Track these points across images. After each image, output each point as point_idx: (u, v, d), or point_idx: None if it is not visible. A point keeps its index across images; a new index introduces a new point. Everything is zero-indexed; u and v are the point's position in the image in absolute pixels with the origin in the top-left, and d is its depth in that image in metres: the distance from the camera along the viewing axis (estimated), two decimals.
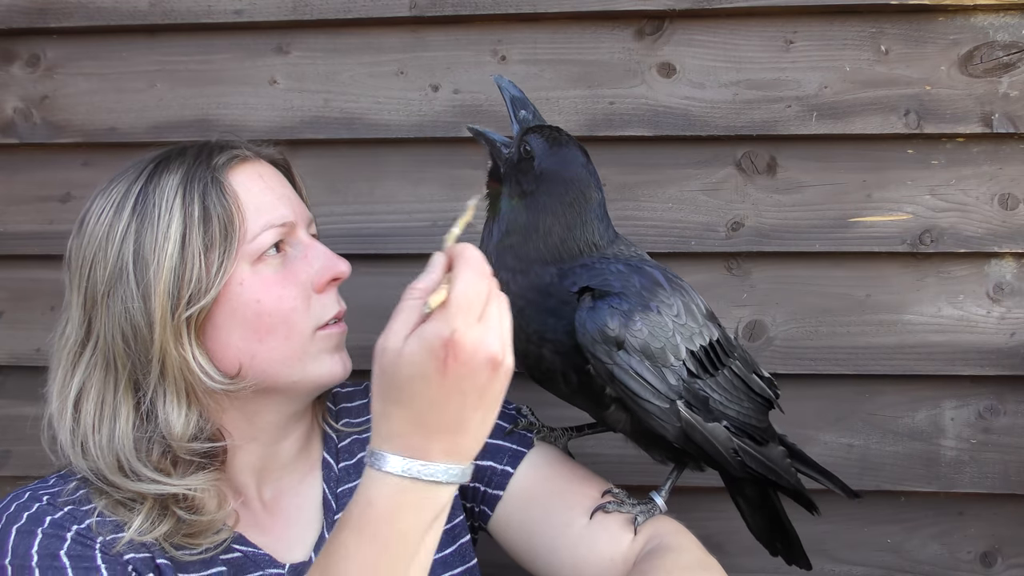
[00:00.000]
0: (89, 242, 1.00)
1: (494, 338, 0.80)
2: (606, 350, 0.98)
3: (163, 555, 0.98)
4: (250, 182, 1.03)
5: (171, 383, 0.98)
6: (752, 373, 1.12)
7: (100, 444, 0.98)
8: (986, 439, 1.42)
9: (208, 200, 0.99)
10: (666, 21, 1.41)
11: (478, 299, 0.79)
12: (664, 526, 1.06)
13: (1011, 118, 1.37)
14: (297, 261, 1.04)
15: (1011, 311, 1.40)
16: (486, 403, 0.81)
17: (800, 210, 1.42)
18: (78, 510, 0.97)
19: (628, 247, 1.09)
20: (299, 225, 1.06)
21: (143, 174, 1.01)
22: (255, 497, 1.07)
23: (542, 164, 1.04)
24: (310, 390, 1.06)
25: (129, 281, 0.97)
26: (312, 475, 1.12)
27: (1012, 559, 1.43)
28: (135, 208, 0.99)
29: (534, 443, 1.16)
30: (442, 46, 1.44)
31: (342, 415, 1.18)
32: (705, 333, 1.04)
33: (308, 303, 1.03)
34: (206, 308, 0.98)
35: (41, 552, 0.92)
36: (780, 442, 1.15)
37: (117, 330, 0.97)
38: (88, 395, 0.99)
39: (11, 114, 1.50)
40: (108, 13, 1.45)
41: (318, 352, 1.04)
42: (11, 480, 1.54)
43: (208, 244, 0.98)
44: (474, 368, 0.78)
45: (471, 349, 0.78)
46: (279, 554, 1.05)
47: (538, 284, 1.02)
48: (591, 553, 1.06)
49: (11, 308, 1.54)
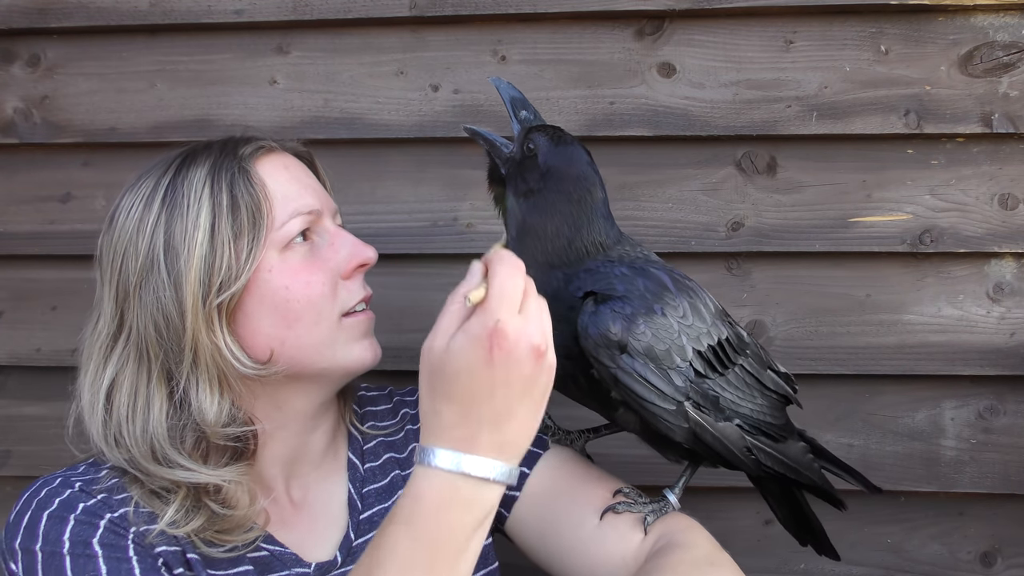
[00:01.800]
0: (120, 236, 1.01)
1: (535, 328, 0.82)
2: (609, 354, 0.98)
3: (193, 550, 0.98)
4: (276, 172, 1.06)
5: (203, 370, 0.99)
6: (767, 369, 1.12)
7: (134, 434, 0.98)
8: (986, 439, 1.42)
9: (236, 189, 1.01)
10: (666, 21, 1.41)
11: (516, 291, 0.81)
12: (676, 523, 1.06)
13: (1011, 118, 1.37)
14: (324, 248, 1.07)
15: (1011, 311, 1.40)
16: (532, 396, 0.83)
17: (800, 210, 1.42)
18: (112, 498, 0.97)
19: (634, 247, 1.08)
20: (325, 214, 1.08)
21: (170, 168, 1.03)
22: (283, 494, 1.09)
23: (548, 161, 1.04)
24: (340, 376, 1.08)
25: (160, 271, 0.98)
26: (338, 474, 1.13)
27: (1012, 559, 1.43)
28: (164, 200, 1.00)
29: (549, 445, 1.17)
30: (442, 46, 1.44)
31: (367, 418, 1.20)
32: (714, 333, 1.04)
33: (335, 289, 1.06)
34: (236, 295, 0.99)
35: (73, 539, 0.92)
36: (800, 437, 1.15)
37: (149, 320, 0.99)
38: (121, 387, 1.00)
39: (11, 114, 1.50)
40: (108, 13, 1.45)
41: (347, 339, 1.06)
42: (11, 480, 1.54)
43: (237, 232, 0.99)
44: (519, 357, 0.80)
45: (514, 338, 0.80)
46: (305, 553, 1.06)
47: (546, 290, 1.02)
48: (603, 553, 1.06)
49: (11, 308, 1.54)
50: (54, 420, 1.51)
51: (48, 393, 1.52)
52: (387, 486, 1.14)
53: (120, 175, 1.47)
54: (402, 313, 1.42)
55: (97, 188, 1.50)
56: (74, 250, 1.50)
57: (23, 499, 0.96)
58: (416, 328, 1.42)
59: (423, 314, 1.45)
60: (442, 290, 1.44)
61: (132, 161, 1.47)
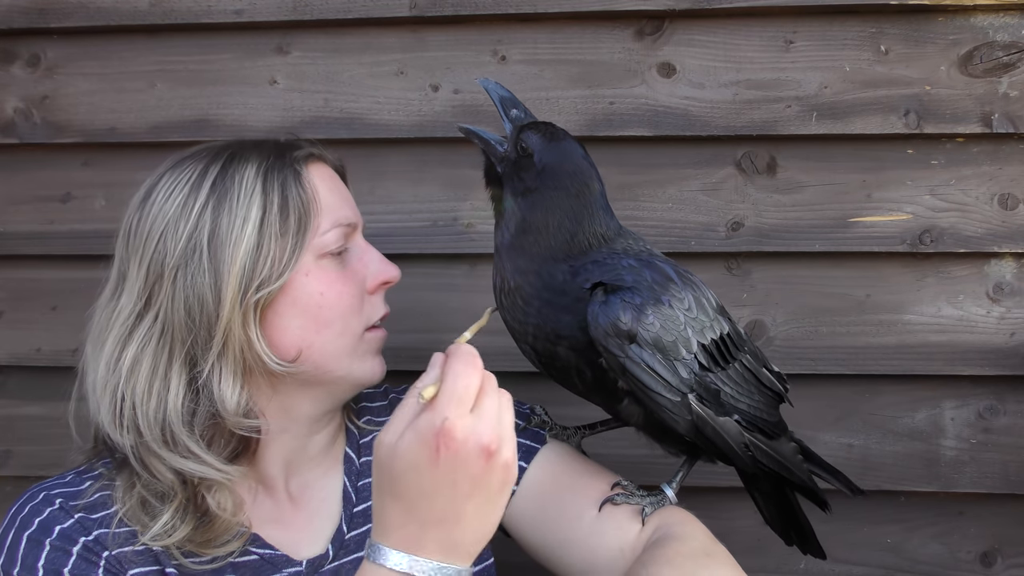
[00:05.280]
0: (158, 216, 1.01)
1: (487, 428, 0.80)
2: (618, 344, 0.98)
3: (171, 563, 0.99)
4: (323, 180, 1.08)
5: (230, 361, 1.00)
6: (762, 367, 1.12)
7: (147, 415, 0.99)
8: (986, 439, 1.42)
9: (288, 190, 1.02)
10: (666, 21, 1.41)
11: (468, 390, 0.80)
12: (672, 516, 1.07)
13: (1011, 118, 1.37)
14: (355, 262, 1.09)
15: (1011, 311, 1.40)
16: (481, 495, 0.82)
17: (800, 210, 1.42)
18: (88, 518, 0.98)
19: (636, 241, 1.09)
20: (358, 228, 1.11)
21: (219, 158, 1.03)
22: (283, 489, 1.10)
23: (543, 159, 1.04)
24: (351, 387, 1.10)
25: (202, 258, 0.99)
26: (334, 469, 1.15)
27: (1012, 559, 1.43)
28: (213, 189, 1.01)
29: (547, 439, 1.18)
30: (442, 46, 1.44)
31: (363, 413, 1.22)
32: (716, 327, 1.05)
33: (361, 302, 1.08)
34: (274, 293, 1.01)
35: (47, 567, 0.94)
36: (791, 438, 1.15)
37: (182, 304, 0.99)
38: (140, 365, 1.00)
39: (11, 114, 1.50)
40: (108, 13, 1.45)
41: (364, 352, 1.09)
42: (11, 480, 1.54)
43: (284, 231, 1.01)
44: (465, 457, 0.79)
45: (461, 438, 0.79)
46: (297, 551, 1.07)
47: (551, 283, 1.03)
48: (601, 544, 1.07)
49: (11, 308, 1.54)
50: (54, 420, 1.51)
51: (48, 393, 1.52)
52: None
53: (120, 175, 1.48)
54: (401, 313, 1.42)
55: (97, 188, 1.50)
56: (74, 250, 1.50)
57: (9, 514, 0.98)
58: (415, 328, 1.43)
59: (423, 314, 1.45)
60: (442, 290, 1.46)
61: (132, 161, 1.48)
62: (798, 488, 1.17)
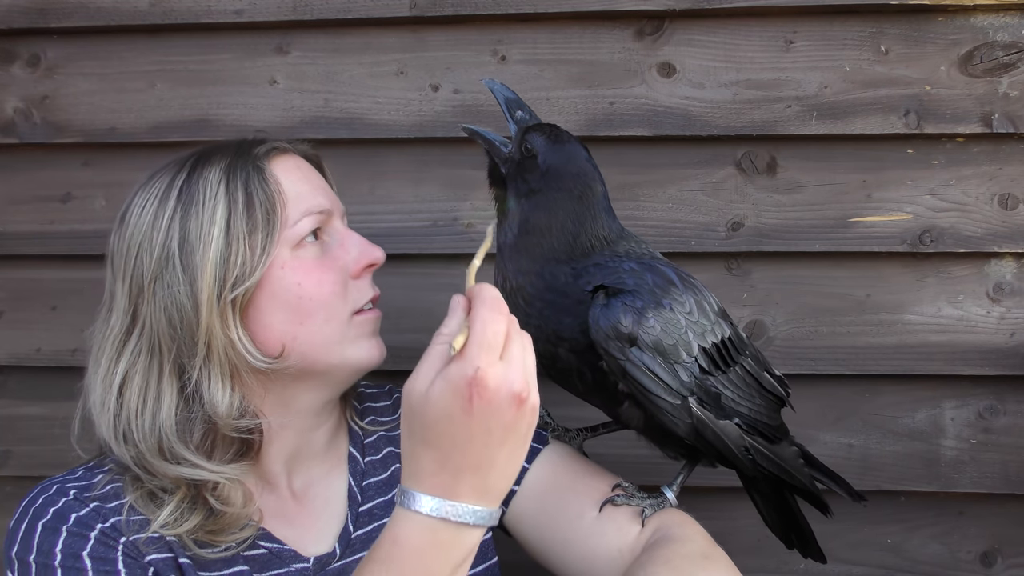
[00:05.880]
0: (133, 233, 1.03)
1: (516, 375, 0.80)
2: (619, 347, 0.98)
3: (185, 554, 0.99)
4: (289, 171, 1.08)
5: (216, 364, 1.01)
6: (764, 371, 1.13)
7: (143, 428, 1.00)
8: (986, 439, 1.42)
9: (251, 187, 1.03)
10: (666, 21, 1.41)
11: (496, 337, 0.80)
12: (671, 518, 1.07)
13: (1011, 118, 1.37)
14: (334, 248, 1.09)
15: (1011, 311, 1.40)
16: (513, 440, 0.82)
17: (800, 210, 1.42)
18: (104, 506, 0.99)
19: (638, 244, 1.09)
20: (335, 214, 1.11)
21: (184, 168, 1.04)
22: (286, 487, 1.10)
23: (547, 161, 1.04)
24: (348, 374, 1.10)
25: (175, 267, 1.00)
26: (339, 468, 1.15)
27: (1012, 559, 1.43)
28: (179, 198, 1.02)
29: (548, 440, 1.18)
30: (442, 46, 1.44)
31: (367, 414, 1.22)
32: (717, 331, 1.05)
33: (345, 288, 1.08)
34: (250, 290, 1.01)
35: (64, 551, 0.94)
36: (792, 443, 1.16)
37: (163, 315, 1.00)
38: (132, 381, 1.02)
39: (11, 114, 1.50)
40: (108, 13, 1.45)
41: (356, 336, 1.08)
42: (11, 480, 1.54)
43: (251, 228, 1.01)
44: (499, 405, 0.79)
45: (494, 387, 0.79)
46: (304, 547, 1.07)
47: (554, 285, 1.03)
48: (600, 545, 1.07)
49: (11, 308, 1.54)
50: (54, 420, 1.51)
51: (48, 393, 1.52)
52: (388, 479, 1.16)
53: (120, 175, 1.48)
54: (402, 313, 1.43)
55: (97, 188, 1.50)
56: (74, 250, 1.50)
57: (21, 507, 0.98)
58: (416, 328, 1.43)
59: (423, 314, 1.45)
60: (442, 290, 1.46)
61: (132, 161, 1.48)
62: (799, 492, 1.17)
